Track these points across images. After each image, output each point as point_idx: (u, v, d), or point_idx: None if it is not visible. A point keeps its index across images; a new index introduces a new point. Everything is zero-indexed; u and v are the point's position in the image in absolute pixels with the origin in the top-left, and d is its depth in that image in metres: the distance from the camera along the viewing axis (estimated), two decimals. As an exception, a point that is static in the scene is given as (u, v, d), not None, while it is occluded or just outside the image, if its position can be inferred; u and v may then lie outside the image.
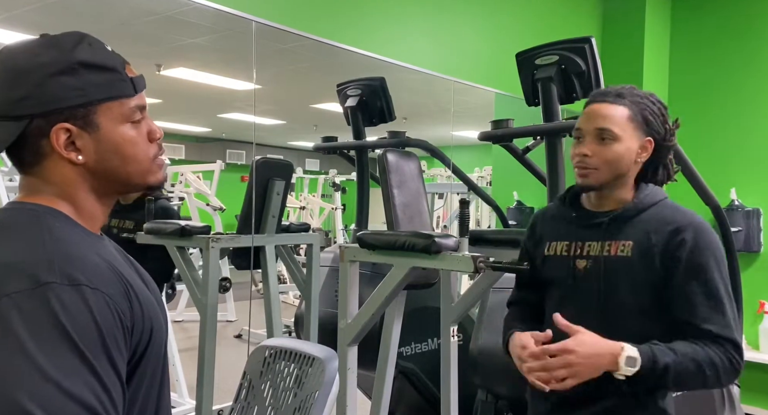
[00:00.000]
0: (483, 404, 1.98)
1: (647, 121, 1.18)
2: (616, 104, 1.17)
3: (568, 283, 1.22)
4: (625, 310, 1.16)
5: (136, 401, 0.69)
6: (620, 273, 1.16)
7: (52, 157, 0.69)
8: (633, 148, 1.17)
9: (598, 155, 1.17)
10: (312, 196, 6.75)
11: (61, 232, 0.66)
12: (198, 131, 6.68)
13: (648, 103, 1.19)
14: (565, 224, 1.26)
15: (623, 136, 1.16)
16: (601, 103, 1.18)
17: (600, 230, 1.20)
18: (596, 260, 1.19)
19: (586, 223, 1.22)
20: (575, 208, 1.26)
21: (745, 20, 3.61)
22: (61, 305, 0.59)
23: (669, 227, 1.15)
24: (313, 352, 1.27)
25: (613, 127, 1.16)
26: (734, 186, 3.60)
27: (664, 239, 1.14)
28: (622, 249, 1.17)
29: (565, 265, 1.23)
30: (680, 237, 1.13)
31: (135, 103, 0.72)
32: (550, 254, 1.26)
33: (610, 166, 1.17)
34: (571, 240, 1.23)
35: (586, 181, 1.19)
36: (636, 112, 1.17)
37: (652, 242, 1.15)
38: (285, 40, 2.68)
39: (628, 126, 1.17)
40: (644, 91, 1.22)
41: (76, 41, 0.69)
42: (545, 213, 1.34)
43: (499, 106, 3.60)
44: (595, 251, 1.19)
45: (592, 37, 1.86)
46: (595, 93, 1.23)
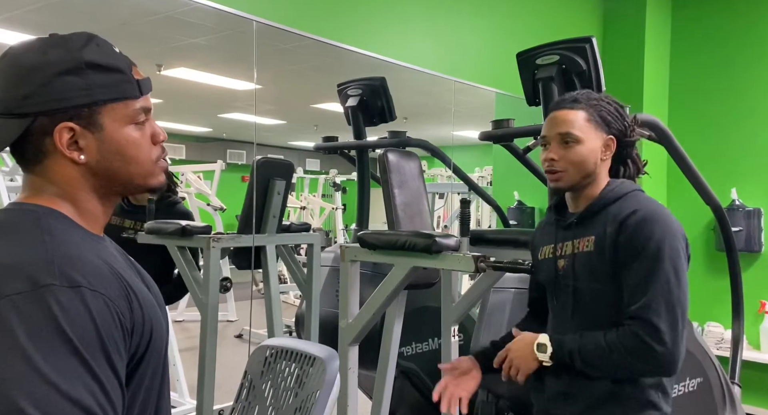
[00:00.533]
0: (484, 404, 1.98)
1: (605, 120, 1.25)
2: (574, 109, 1.24)
3: (552, 283, 1.30)
4: (593, 303, 1.22)
5: (136, 402, 0.68)
6: (585, 268, 1.23)
7: (55, 156, 0.69)
8: (596, 148, 1.24)
9: (564, 158, 1.24)
10: (312, 196, 6.75)
11: (61, 233, 0.66)
12: (199, 131, 6.68)
13: (604, 104, 1.26)
14: (551, 227, 1.34)
15: (584, 138, 1.23)
16: (561, 109, 1.26)
17: (571, 229, 1.27)
18: (570, 257, 1.26)
19: (563, 224, 1.30)
20: (558, 212, 1.34)
21: (747, 20, 3.61)
22: (60, 306, 0.58)
23: (622, 215, 1.19)
24: (314, 352, 1.27)
25: (574, 130, 1.23)
26: (735, 186, 3.59)
27: (615, 228, 1.19)
28: (586, 244, 1.23)
29: (551, 266, 1.31)
30: (626, 223, 1.18)
31: (140, 104, 0.72)
32: (541, 259, 1.35)
33: (577, 167, 1.23)
34: (555, 242, 1.31)
35: (557, 184, 1.26)
36: (592, 113, 1.24)
37: (607, 232, 1.20)
38: (285, 40, 2.68)
39: (588, 127, 1.23)
40: (600, 93, 1.30)
41: (84, 41, 0.70)
42: (542, 222, 1.44)
43: (500, 106, 3.60)
44: (569, 250, 1.27)
45: (592, 36, 1.86)
46: (554, 102, 1.31)
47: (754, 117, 3.60)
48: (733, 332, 2.54)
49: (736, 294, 2.50)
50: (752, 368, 3.41)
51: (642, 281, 1.14)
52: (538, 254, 1.37)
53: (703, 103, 3.74)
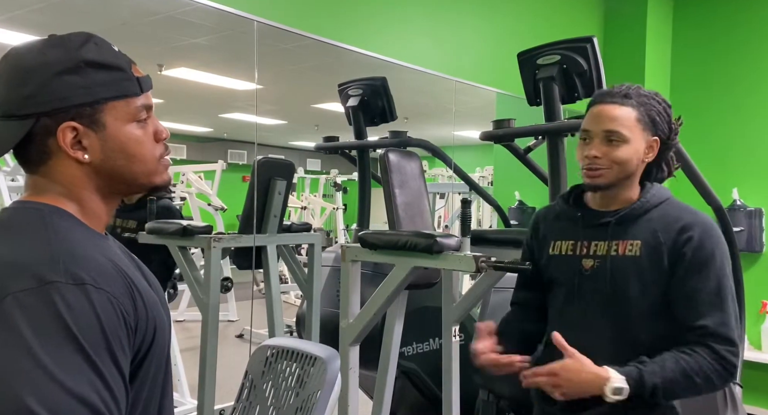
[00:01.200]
0: (484, 404, 1.98)
1: (654, 121, 1.18)
2: (624, 106, 1.17)
3: (573, 282, 1.22)
4: (635, 310, 1.16)
5: (140, 400, 0.69)
6: (628, 273, 1.16)
7: (59, 156, 0.69)
8: (641, 149, 1.18)
9: (608, 157, 1.16)
10: (313, 196, 6.75)
11: (66, 231, 0.66)
12: (199, 131, 6.69)
13: (654, 103, 1.19)
14: (570, 223, 1.26)
15: (631, 138, 1.16)
16: (609, 104, 1.18)
17: (607, 230, 1.19)
18: (603, 259, 1.18)
19: (591, 222, 1.22)
20: (580, 207, 1.26)
21: (748, 19, 3.60)
22: (66, 304, 0.59)
23: (677, 225, 1.15)
24: (315, 352, 1.27)
25: (622, 130, 1.15)
26: (736, 186, 3.59)
27: (672, 237, 1.14)
28: (630, 249, 1.16)
29: (571, 264, 1.22)
30: (687, 234, 1.14)
31: (141, 102, 0.72)
32: (555, 254, 1.26)
33: (620, 167, 1.17)
34: (577, 239, 1.23)
35: (596, 181, 1.18)
36: (643, 113, 1.17)
37: (661, 240, 1.15)
38: (286, 40, 2.68)
39: (636, 127, 1.16)
40: (649, 90, 1.22)
41: (83, 41, 0.70)
42: (548, 213, 1.34)
43: (501, 106, 3.60)
44: (602, 251, 1.19)
45: (593, 36, 1.86)
46: (600, 93, 1.22)
47: (755, 117, 3.59)
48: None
49: (737, 294, 2.49)
50: (753, 368, 3.40)
51: (715, 294, 1.12)
52: (548, 248, 1.27)
53: (705, 102, 3.74)
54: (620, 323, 1.16)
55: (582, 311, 1.20)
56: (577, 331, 1.19)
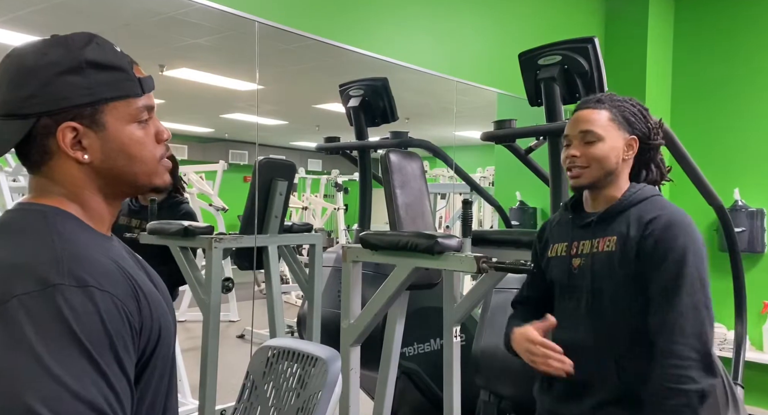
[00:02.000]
0: (486, 405, 1.98)
1: (628, 121, 1.26)
2: (597, 109, 1.26)
3: (564, 281, 1.29)
4: (610, 305, 1.21)
5: (144, 401, 0.69)
6: (605, 268, 1.22)
7: (59, 156, 0.69)
8: (618, 147, 1.24)
9: (586, 155, 1.24)
10: (314, 196, 6.75)
11: (70, 233, 0.66)
12: (201, 132, 6.70)
13: (627, 105, 1.27)
14: (566, 226, 1.33)
15: (606, 136, 1.24)
16: (584, 109, 1.27)
17: (590, 229, 1.26)
18: (587, 257, 1.25)
19: (580, 223, 1.29)
20: (574, 211, 1.33)
21: (749, 19, 3.60)
22: (70, 306, 0.59)
23: (646, 218, 1.20)
24: (316, 352, 1.27)
25: (596, 129, 1.24)
26: (738, 186, 3.58)
27: (640, 229, 1.19)
28: (607, 244, 1.22)
29: (564, 264, 1.29)
30: (651, 227, 1.18)
31: (142, 103, 0.72)
32: (552, 256, 1.33)
33: (598, 164, 1.23)
34: (570, 241, 1.30)
35: (578, 181, 1.26)
36: (616, 113, 1.25)
37: (631, 234, 1.20)
38: (288, 40, 2.68)
39: (610, 126, 1.24)
40: (624, 96, 1.30)
41: (85, 41, 0.70)
42: (553, 219, 1.42)
43: (502, 107, 3.60)
44: (586, 249, 1.26)
45: (595, 37, 1.86)
46: (578, 103, 1.32)
47: (757, 117, 3.59)
48: (735, 333, 2.53)
49: (738, 295, 2.49)
50: (755, 368, 3.40)
51: (668, 287, 1.15)
52: (547, 251, 1.35)
53: (706, 102, 3.73)
54: (599, 318, 1.22)
55: (571, 308, 1.27)
56: (566, 327, 1.25)
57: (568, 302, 1.28)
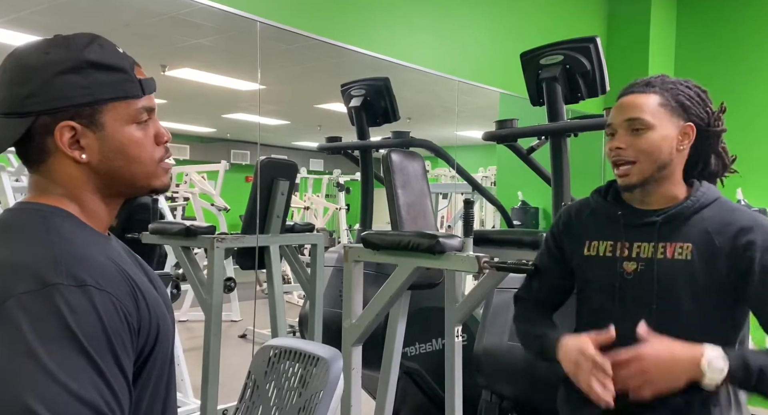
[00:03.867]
0: (487, 405, 1.98)
1: (683, 105, 1.08)
2: (645, 93, 1.09)
3: (613, 286, 1.11)
4: (684, 317, 1.06)
5: (143, 401, 0.69)
6: (678, 278, 1.06)
7: (57, 155, 0.69)
8: (671, 135, 1.07)
9: (633, 146, 1.07)
10: (316, 196, 6.76)
11: (68, 232, 0.67)
12: (203, 132, 6.71)
13: (682, 87, 1.10)
14: (608, 221, 1.14)
15: (657, 124, 1.06)
16: (630, 94, 1.10)
17: (652, 231, 1.09)
18: (648, 262, 1.09)
19: (634, 222, 1.11)
20: (620, 205, 1.15)
21: (752, 19, 3.59)
22: (68, 306, 0.59)
23: (733, 228, 1.05)
24: (318, 352, 1.27)
25: (644, 115, 1.06)
26: (740, 186, 3.58)
27: (729, 240, 1.04)
28: (680, 252, 1.07)
29: (611, 267, 1.12)
30: (747, 238, 1.04)
31: (142, 104, 0.72)
32: (591, 255, 1.15)
33: (648, 157, 1.06)
34: (617, 240, 1.13)
35: (627, 180, 1.09)
36: (668, 97, 1.08)
37: (716, 244, 1.05)
38: (289, 40, 2.68)
39: (661, 112, 1.07)
40: (679, 78, 1.13)
41: (87, 41, 0.70)
42: (581, 208, 1.22)
43: (504, 106, 3.60)
44: (646, 253, 1.09)
45: (597, 36, 1.86)
46: (624, 88, 1.14)
47: (759, 117, 3.58)
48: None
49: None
50: (758, 369, 3.39)
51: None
52: (583, 248, 1.16)
53: (708, 103, 3.72)
54: (669, 333, 1.04)
55: (622, 318, 1.08)
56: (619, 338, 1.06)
57: (617, 310, 1.10)
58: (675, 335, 1.03)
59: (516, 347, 1.82)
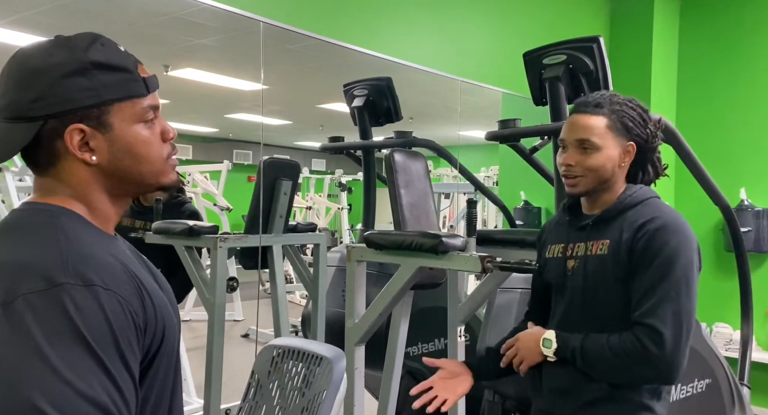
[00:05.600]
0: (490, 405, 1.98)
1: (626, 126, 1.23)
2: (595, 115, 1.22)
3: (559, 282, 1.30)
4: (604, 306, 1.22)
5: (149, 400, 0.69)
6: (598, 271, 1.22)
7: (67, 158, 0.69)
8: (614, 155, 1.23)
9: (581, 164, 1.23)
10: (318, 196, 6.76)
11: (75, 232, 0.67)
12: (205, 131, 6.71)
13: (627, 109, 1.24)
14: (563, 228, 1.34)
15: (603, 145, 1.21)
16: (582, 114, 1.24)
17: (585, 231, 1.27)
18: (581, 259, 1.26)
19: (577, 225, 1.29)
20: (572, 213, 1.33)
21: (755, 18, 3.58)
22: (75, 305, 0.59)
23: (639, 222, 1.19)
24: (321, 351, 1.27)
25: (593, 138, 1.21)
26: (744, 186, 3.57)
27: (632, 233, 1.19)
28: (600, 248, 1.23)
29: (559, 266, 1.30)
30: (643, 230, 1.18)
31: (148, 102, 0.72)
32: (549, 257, 1.34)
33: (594, 174, 1.23)
34: (566, 242, 1.30)
35: (573, 190, 1.26)
36: (615, 120, 1.22)
37: (623, 238, 1.19)
38: (292, 40, 2.68)
39: (608, 135, 1.22)
40: (625, 97, 1.27)
41: (89, 42, 0.70)
42: (552, 220, 1.43)
43: (506, 106, 3.59)
44: (581, 251, 1.26)
45: (600, 36, 1.85)
46: (577, 103, 1.29)
47: (763, 116, 3.57)
48: (741, 333, 2.52)
49: (744, 295, 2.48)
50: (761, 369, 3.38)
51: (651, 287, 1.14)
52: (546, 252, 1.36)
53: (712, 102, 3.72)
54: (593, 321, 1.22)
55: (565, 310, 1.28)
56: (565, 329, 1.25)
57: (562, 304, 1.29)
58: (598, 320, 1.22)
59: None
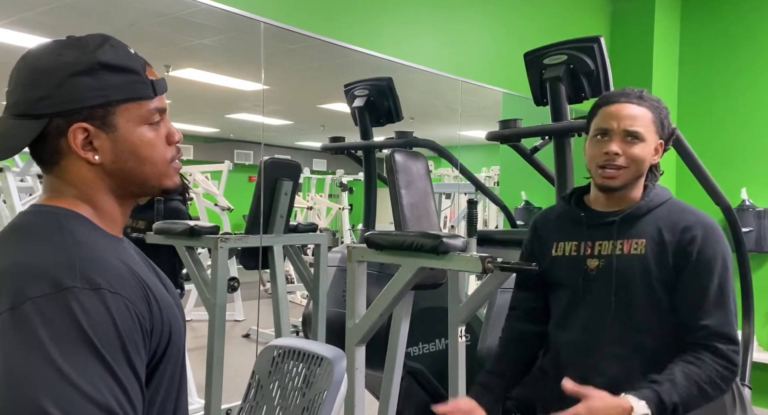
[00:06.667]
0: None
1: (662, 124, 1.21)
2: (642, 106, 1.19)
3: (578, 283, 1.22)
4: (641, 308, 1.16)
5: (155, 403, 0.69)
6: (634, 271, 1.16)
7: (70, 157, 0.69)
8: (652, 151, 1.20)
9: (627, 154, 1.17)
10: (319, 196, 6.76)
11: (82, 235, 0.67)
12: (206, 132, 6.72)
13: (662, 107, 1.22)
14: (573, 224, 1.26)
15: (647, 139, 1.18)
16: (627, 103, 1.19)
17: (611, 229, 1.20)
18: (608, 259, 1.19)
19: (595, 222, 1.23)
20: (582, 208, 1.26)
21: (756, 18, 3.57)
22: (82, 309, 0.59)
23: (680, 225, 1.17)
24: (322, 352, 1.27)
25: (641, 129, 1.17)
26: (745, 186, 3.56)
27: (676, 236, 1.16)
28: (635, 247, 1.17)
29: (576, 265, 1.22)
30: (691, 234, 1.15)
31: (154, 105, 0.73)
32: (558, 255, 1.26)
33: (636, 166, 1.18)
34: (581, 240, 1.23)
35: (612, 182, 1.18)
36: (656, 115, 1.20)
37: (666, 239, 1.16)
38: (293, 40, 2.68)
39: (651, 128, 1.19)
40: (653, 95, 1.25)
41: (99, 43, 0.70)
42: (547, 214, 1.35)
43: (507, 106, 3.59)
44: (607, 250, 1.20)
45: (601, 36, 1.85)
46: (615, 94, 1.23)
47: (764, 116, 3.57)
48: (743, 334, 2.51)
49: (746, 295, 2.47)
50: (763, 369, 3.38)
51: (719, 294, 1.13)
52: (551, 250, 1.28)
53: (713, 102, 3.71)
54: (627, 324, 1.17)
55: (588, 313, 1.20)
56: (583, 333, 1.20)
57: (583, 306, 1.21)
58: (630, 324, 1.16)
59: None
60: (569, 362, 1.24)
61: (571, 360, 1.23)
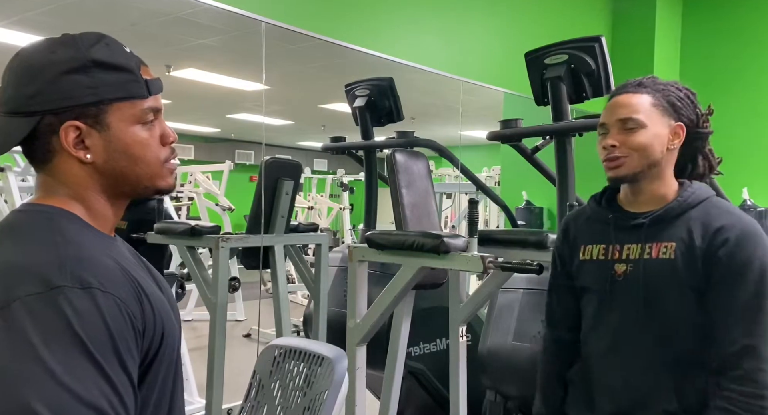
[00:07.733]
0: (492, 405, 1.97)
1: (674, 105, 1.10)
2: (638, 93, 1.10)
3: (605, 289, 1.13)
4: (671, 317, 1.07)
5: (149, 402, 0.69)
6: (663, 277, 1.07)
7: (62, 155, 0.69)
8: (662, 134, 1.09)
9: (625, 144, 1.08)
10: (320, 196, 6.76)
11: (74, 234, 0.66)
12: (207, 132, 6.72)
13: (673, 89, 1.12)
14: (601, 225, 1.16)
15: (649, 123, 1.08)
16: (622, 94, 1.12)
17: (640, 232, 1.10)
18: (636, 263, 1.10)
19: (624, 224, 1.13)
20: (612, 209, 1.17)
21: (758, 19, 3.57)
22: (73, 308, 0.59)
23: (713, 226, 1.06)
24: (323, 351, 1.27)
25: (636, 115, 1.08)
26: (746, 185, 3.56)
27: (707, 238, 1.05)
28: (664, 251, 1.08)
29: (603, 270, 1.14)
30: (723, 236, 1.04)
31: (148, 104, 0.72)
32: (586, 259, 1.17)
33: (639, 153, 1.08)
34: (608, 243, 1.14)
35: (617, 171, 1.09)
36: (659, 98, 1.10)
37: (696, 242, 1.05)
38: (294, 40, 2.68)
39: (653, 112, 1.09)
40: (668, 80, 1.15)
41: (94, 41, 0.70)
42: (578, 215, 1.24)
43: (508, 106, 3.59)
44: (634, 254, 1.10)
45: (602, 36, 1.85)
46: (617, 87, 1.16)
47: (765, 116, 3.56)
48: None
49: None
50: (764, 369, 3.37)
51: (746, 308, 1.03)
52: (578, 253, 1.18)
53: (714, 102, 3.69)
54: (658, 333, 1.08)
55: (616, 320, 1.12)
56: (613, 340, 1.12)
57: (611, 313, 1.12)
58: (660, 335, 1.07)
59: (520, 347, 1.82)
60: (599, 374, 1.15)
61: (601, 372, 1.15)
